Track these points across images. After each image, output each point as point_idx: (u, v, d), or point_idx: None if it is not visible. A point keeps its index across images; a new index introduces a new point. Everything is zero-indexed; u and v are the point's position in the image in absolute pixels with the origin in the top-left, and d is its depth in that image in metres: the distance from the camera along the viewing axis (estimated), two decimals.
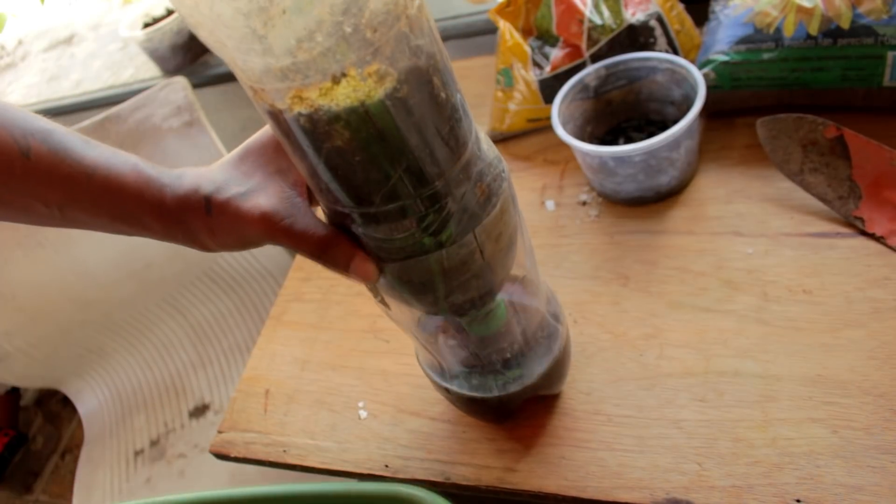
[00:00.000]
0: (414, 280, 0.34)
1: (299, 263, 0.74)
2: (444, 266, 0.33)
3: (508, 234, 0.36)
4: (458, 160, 0.31)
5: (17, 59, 1.58)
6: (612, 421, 0.49)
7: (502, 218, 0.34)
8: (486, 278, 0.36)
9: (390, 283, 0.35)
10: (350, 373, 0.61)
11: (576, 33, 0.68)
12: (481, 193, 0.33)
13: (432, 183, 0.31)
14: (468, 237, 0.33)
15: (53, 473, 1.58)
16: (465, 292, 0.35)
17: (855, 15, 0.56)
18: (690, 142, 0.60)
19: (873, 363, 0.46)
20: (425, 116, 0.29)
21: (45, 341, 1.16)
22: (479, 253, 0.34)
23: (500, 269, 0.36)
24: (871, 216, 0.53)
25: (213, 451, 0.60)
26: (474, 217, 0.33)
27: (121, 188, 0.35)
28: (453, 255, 0.33)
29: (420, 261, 0.33)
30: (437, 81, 0.29)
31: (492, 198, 0.33)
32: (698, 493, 0.43)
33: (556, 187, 0.68)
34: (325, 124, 0.27)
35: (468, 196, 0.32)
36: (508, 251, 0.36)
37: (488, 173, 0.33)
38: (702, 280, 0.55)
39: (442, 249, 0.33)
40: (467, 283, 0.35)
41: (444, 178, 0.31)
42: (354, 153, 0.29)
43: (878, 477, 0.41)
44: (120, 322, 1.23)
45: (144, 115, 1.05)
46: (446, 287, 0.35)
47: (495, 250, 0.35)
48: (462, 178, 0.32)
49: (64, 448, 1.62)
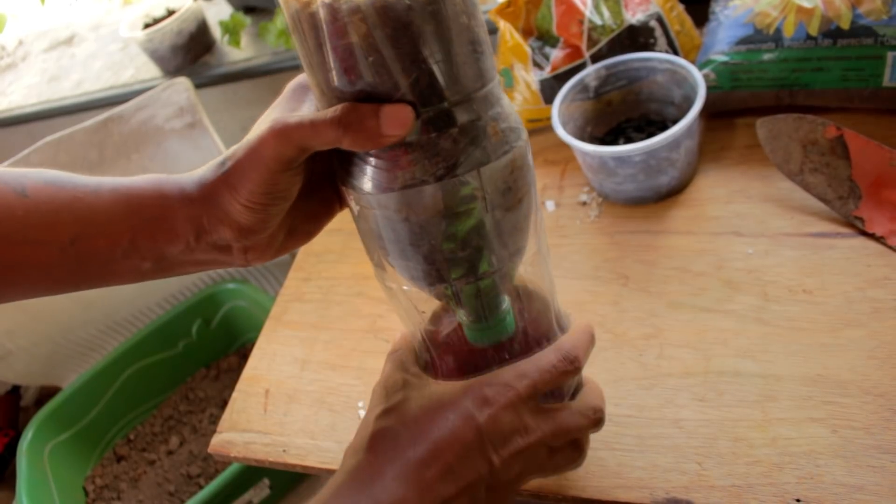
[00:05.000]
0: (412, 219, 0.32)
1: (299, 264, 0.74)
2: (443, 203, 0.32)
3: (518, 196, 0.34)
4: (474, 91, 0.31)
5: (17, 59, 1.58)
6: (612, 420, 0.49)
7: (513, 173, 0.33)
8: (489, 238, 0.34)
9: (388, 226, 0.33)
10: (350, 373, 0.61)
11: (576, 34, 0.68)
12: (494, 134, 0.32)
13: (442, 100, 0.30)
14: (472, 175, 0.31)
15: None
16: (465, 247, 0.33)
17: (855, 15, 0.56)
18: (690, 142, 0.60)
19: (873, 363, 0.46)
20: (444, 29, 0.29)
21: (47, 340, 1.16)
22: (483, 200, 0.32)
23: (506, 235, 0.34)
24: (871, 216, 0.53)
25: (212, 450, 0.60)
26: (482, 154, 0.32)
27: (136, 190, 0.33)
28: (454, 191, 0.31)
29: (420, 192, 0.31)
30: (461, 4, 0.29)
31: (504, 145, 0.32)
32: (698, 493, 0.43)
33: (557, 188, 0.68)
34: (345, 15, 0.28)
35: (479, 130, 0.31)
36: (517, 217, 0.35)
37: (505, 122, 0.33)
38: (702, 280, 0.55)
39: (443, 181, 0.31)
40: (468, 236, 0.33)
41: (455, 98, 0.30)
42: (368, 52, 0.29)
43: (879, 476, 0.41)
44: (121, 321, 1.23)
45: (147, 115, 1.05)
46: (445, 233, 0.33)
47: (501, 205, 0.33)
48: (475, 109, 0.31)
49: None
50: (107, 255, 0.33)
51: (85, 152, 1.04)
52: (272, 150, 0.31)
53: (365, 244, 0.37)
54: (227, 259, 0.35)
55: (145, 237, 0.33)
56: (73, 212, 0.32)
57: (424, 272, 0.35)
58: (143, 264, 0.34)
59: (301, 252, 0.76)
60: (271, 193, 0.32)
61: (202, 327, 1.24)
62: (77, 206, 0.32)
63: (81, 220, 0.32)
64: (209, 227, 0.33)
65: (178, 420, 1.23)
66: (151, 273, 0.35)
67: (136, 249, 0.33)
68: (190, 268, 0.36)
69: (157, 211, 0.33)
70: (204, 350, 1.27)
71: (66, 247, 0.32)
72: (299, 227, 0.38)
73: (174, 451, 1.18)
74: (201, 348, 1.26)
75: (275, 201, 0.33)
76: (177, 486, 1.12)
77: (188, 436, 1.20)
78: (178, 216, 0.33)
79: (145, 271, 0.35)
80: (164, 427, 1.23)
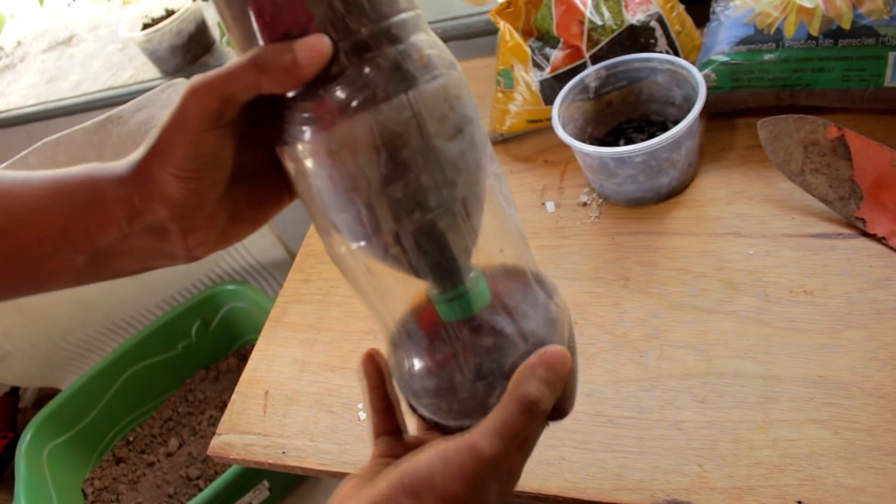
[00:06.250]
0: (346, 161, 0.31)
1: (299, 265, 0.74)
2: (375, 134, 0.30)
3: (458, 126, 0.32)
4: (390, 17, 0.30)
5: (16, 60, 1.58)
6: (612, 422, 0.49)
7: (447, 101, 0.32)
8: (430, 170, 0.32)
9: (325, 177, 0.32)
10: (350, 374, 0.61)
11: (576, 34, 0.68)
12: (419, 59, 0.31)
13: (358, 28, 0.30)
14: (401, 99, 0.30)
15: None
16: (407, 183, 0.31)
17: (856, 15, 0.56)
18: (691, 142, 0.60)
19: (875, 364, 0.46)
20: None
21: (46, 341, 1.16)
22: (418, 128, 0.31)
23: (449, 169, 0.32)
24: (873, 217, 0.53)
25: (211, 452, 0.60)
26: (409, 77, 0.31)
27: (65, 178, 0.32)
28: (384, 120, 0.30)
29: (349, 126, 0.30)
30: None
31: (432, 69, 0.31)
32: (699, 495, 0.43)
33: (557, 188, 0.68)
34: None
35: (402, 56, 0.31)
36: (460, 148, 0.33)
37: (432, 49, 0.32)
38: (702, 281, 0.55)
39: (370, 110, 0.30)
40: (407, 169, 0.31)
41: (371, 25, 0.30)
42: None
43: (880, 478, 0.41)
44: (120, 322, 1.23)
45: (146, 116, 1.05)
46: (382, 171, 0.31)
47: (439, 134, 0.32)
48: (395, 35, 0.31)
49: None
50: (38, 250, 0.32)
51: (84, 153, 1.04)
52: (194, 108, 0.30)
53: (308, 210, 0.35)
54: (166, 247, 0.34)
55: (76, 225, 0.32)
56: (0, 205, 0.31)
57: (367, 221, 0.32)
58: (76, 258, 0.33)
59: (301, 253, 0.75)
60: (200, 157, 0.31)
61: (201, 329, 1.24)
62: (4, 199, 0.31)
63: (8, 212, 0.31)
64: (141, 206, 0.32)
65: (178, 422, 1.23)
66: (87, 270, 0.34)
67: (67, 241, 0.32)
68: (128, 261, 0.34)
69: (86, 196, 0.32)
70: (203, 351, 1.26)
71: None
72: (244, 213, 0.36)
73: (173, 452, 1.18)
74: (200, 350, 1.26)
75: (205, 167, 0.31)
76: (176, 487, 1.12)
77: (187, 437, 1.20)
78: (108, 198, 0.32)
79: (80, 267, 0.33)
80: (164, 429, 1.22)
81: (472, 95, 0.34)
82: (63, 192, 0.32)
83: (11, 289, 0.33)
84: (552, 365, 0.33)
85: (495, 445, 0.31)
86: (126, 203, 0.32)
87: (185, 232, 0.33)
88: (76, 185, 0.32)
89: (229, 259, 1.25)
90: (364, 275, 0.36)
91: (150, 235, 0.33)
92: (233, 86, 0.30)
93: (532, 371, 0.33)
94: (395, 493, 0.32)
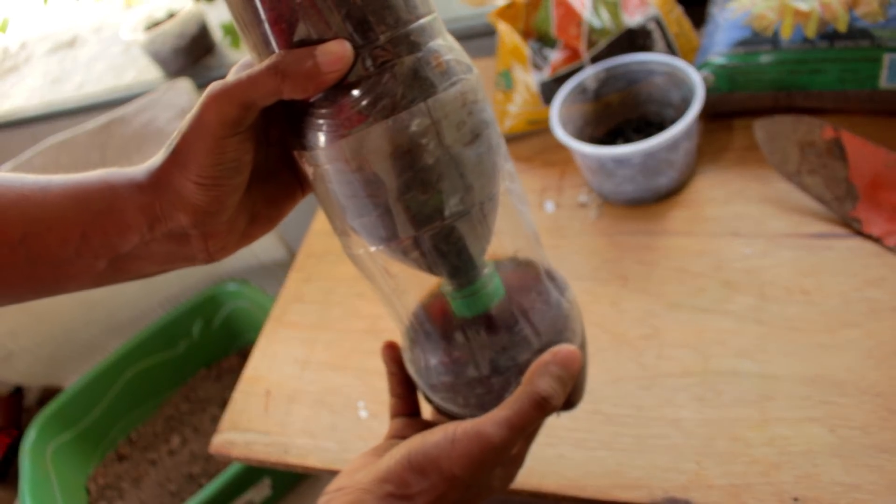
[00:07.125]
0: (365, 167, 0.31)
1: (300, 264, 0.75)
2: (394, 143, 0.30)
3: (475, 130, 0.33)
4: (410, 23, 0.30)
5: (20, 61, 1.58)
6: (610, 420, 0.49)
7: (465, 106, 0.32)
8: (449, 177, 0.32)
9: (343, 181, 0.32)
10: (351, 373, 0.61)
11: (575, 36, 0.69)
12: (438, 65, 0.31)
13: (377, 34, 0.30)
14: (419, 108, 0.30)
15: None
16: (425, 190, 0.32)
17: (851, 18, 0.56)
18: (689, 143, 0.60)
19: (870, 363, 0.46)
20: None
21: (50, 341, 1.16)
22: (437, 136, 0.31)
23: (469, 174, 0.32)
24: (868, 217, 0.53)
25: (213, 450, 0.60)
26: (427, 85, 0.31)
27: (84, 184, 0.32)
28: (402, 127, 0.30)
29: (368, 134, 0.30)
30: None
31: (451, 76, 0.31)
32: (697, 492, 0.44)
33: (556, 189, 0.69)
34: None
35: (421, 63, 0.31)
36: (478, 154, 0.33)
37: (449, 54, 0.32)
38: (700, 280, 0.55)
39: (389, 118, 0.30)
40: (427, 176, 0.31)
41: (391, 31, 0.30)
42: None
43: (876, 475, 0.41)
44: (123, 322, 1.23)
45: (149, 117, 1.06)
46: (403, 177, 0.31)
47: (458, 140, 0.32)
48: (414, 42, 0.30)
49: None
50: (58, 254, 0.32)
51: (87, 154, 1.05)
52: (215, 115, 0.30)
53: (326, 212, 0.36)
54: (186, 251, 0.34)
55: (96, 231, 0.32)
56: (20, 209, 0.31)
57: (386, 226, 0.33)
58: (97, 263, 0.33)
59: (301, 253, 0.76)
60: (221, 164, 0.31)
61: (203, 328, 1.25)
62: (24, 203, 0.31)
63: (30, 217, 0.31)
64: (162, 213, 0.32)
65: (180, 420, 1.23)
66: (109, 274, 0.34)
67: (88, 246, 0.32)
68: (148, 265, 0.34)
69: (105, 203, 0.32)
70: (205, 350, 1.27)
71: (16, 245, 0.31)
72: (261, 213, 0.37)
73: (176, 450, 1.18)
74: (202, 349, 1.26)
75: (226, 173, 0.31)
76: (178, 485, 1.13)
77: (189, 436, 1.20)
78: (128, 206, 0.32)
79: (101, 271, 0.33)
80: (166, 427, 1.23)
81: (487, 98, 0.34)
82: (82, 199, 0.32)
83: (32, 291, 0.33)
84: (564, 363, 0.34)
85: (503, 435, 0.32)
86: (147, 211, 0.32)
87: (207, 236, 0.34)
88: (94, 192, 0.32)
89: (231, 259, 1.25)
90: (382, 275, 0.37)
91: (170, 241, 0.33)
92: (253, 92, 0.30)
93: (545, 368, 0.34)
94: (402, 469, 0.33)
